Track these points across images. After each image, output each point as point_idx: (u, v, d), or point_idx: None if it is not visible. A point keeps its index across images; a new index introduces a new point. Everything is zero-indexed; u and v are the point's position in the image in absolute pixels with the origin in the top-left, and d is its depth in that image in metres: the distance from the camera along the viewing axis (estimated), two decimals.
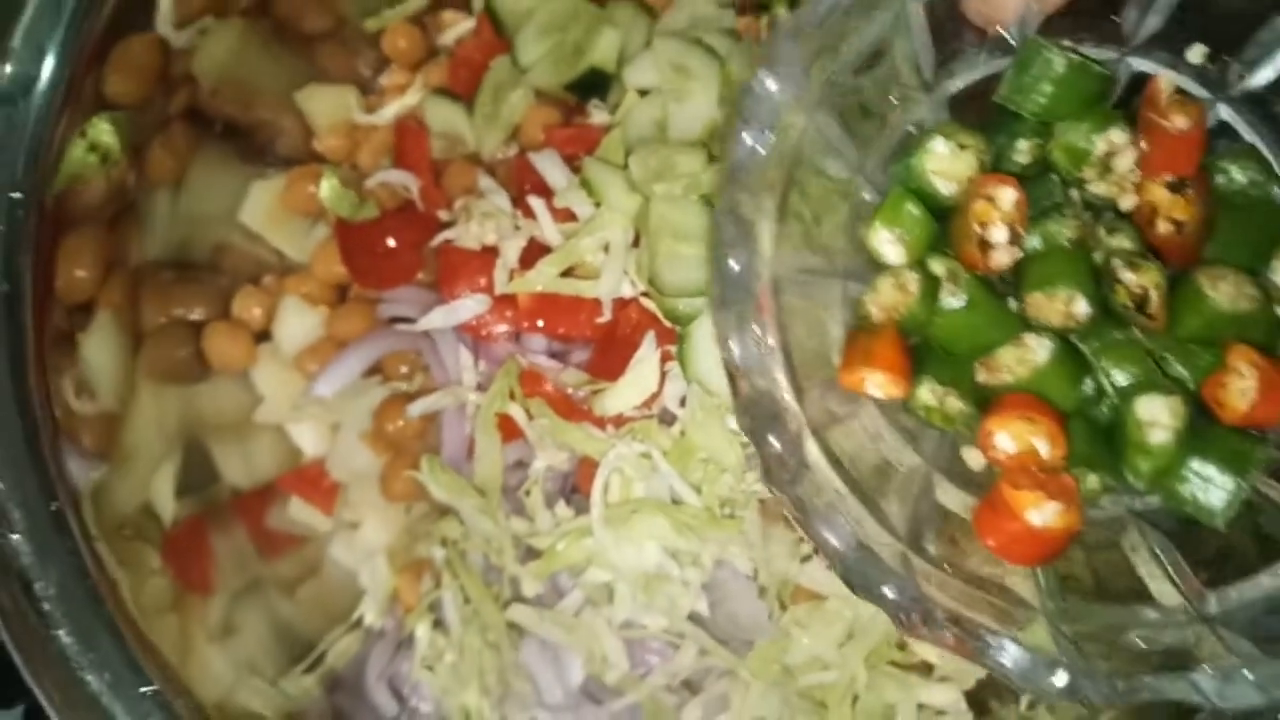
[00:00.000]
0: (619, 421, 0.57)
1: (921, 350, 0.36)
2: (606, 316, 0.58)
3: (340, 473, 0.63)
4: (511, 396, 0.59)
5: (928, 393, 0.36)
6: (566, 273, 0.58)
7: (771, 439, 0.34)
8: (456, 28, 0.68)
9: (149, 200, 0.59)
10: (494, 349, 0.61)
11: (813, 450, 0.35)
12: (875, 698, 0.57)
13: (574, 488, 0.60)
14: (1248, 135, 0.37)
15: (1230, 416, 0.34)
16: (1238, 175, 0.37)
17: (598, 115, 0.63)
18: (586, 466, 0.58)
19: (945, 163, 0.37)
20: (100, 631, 0.47)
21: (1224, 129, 0.38)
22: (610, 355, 0.58)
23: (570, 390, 0.58)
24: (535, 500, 0.59)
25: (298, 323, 0.64)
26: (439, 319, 0.60)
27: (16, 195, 0.48)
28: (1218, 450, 0.34)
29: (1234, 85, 0.37)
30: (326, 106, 0.67)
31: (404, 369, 0.63)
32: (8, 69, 0.47)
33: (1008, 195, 0.35)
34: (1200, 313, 0.34)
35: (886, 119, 0.39)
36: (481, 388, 0.61)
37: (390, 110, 0.67)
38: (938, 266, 0.36)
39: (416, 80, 0.68)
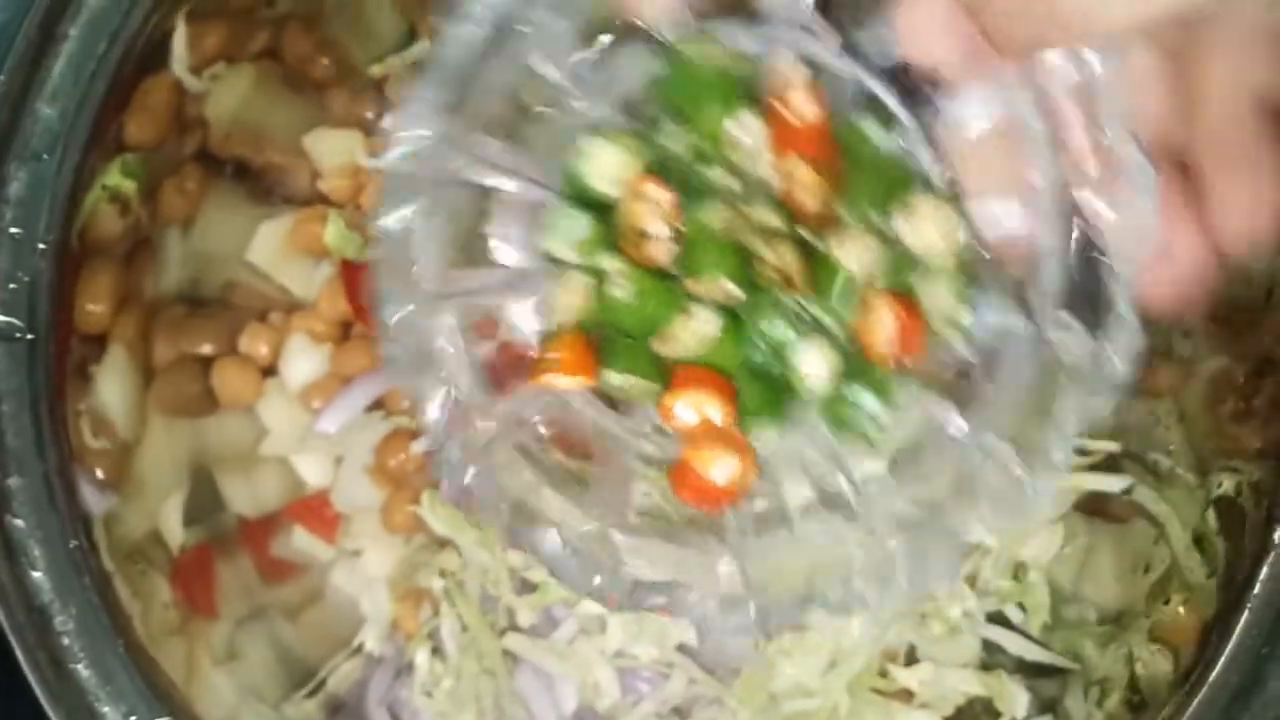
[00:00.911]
0: None
1: (605, 340, 0.38)
2: None
3: (343, 504, 0.64)
4: None
5: (615, 377, 0.38)
6: None
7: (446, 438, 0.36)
8: None
9: (161, 238, 0.60)
10: None
11: (500, 447, 0.37)
12: None
13: None
14: (888, 103, 0.39)
15: (876, 356, 0.37)
16: (872, 139, 0.39)
17: None
18: None
19: (604, 165, 0.38)
20: (116, 664, 0.48)
21: (870, 101, 0.40)
22: None
23: None
24: None
25: (303, 359, 0.65)
26: None
27: (42, 246, 0.49)
28: (869, 387, 0.38)
29: (871, 60, 0.39)
30: (333, 150, 0.67)
31: (406, 405, 0.64)
32: (36, 129, 0.49)
33: (660, 194, 0.37)
34: (833, 273, 0.37)
35: (556, 129, 0.39)
36: None
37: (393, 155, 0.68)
38: (606, 263, 0.37)
39: None
